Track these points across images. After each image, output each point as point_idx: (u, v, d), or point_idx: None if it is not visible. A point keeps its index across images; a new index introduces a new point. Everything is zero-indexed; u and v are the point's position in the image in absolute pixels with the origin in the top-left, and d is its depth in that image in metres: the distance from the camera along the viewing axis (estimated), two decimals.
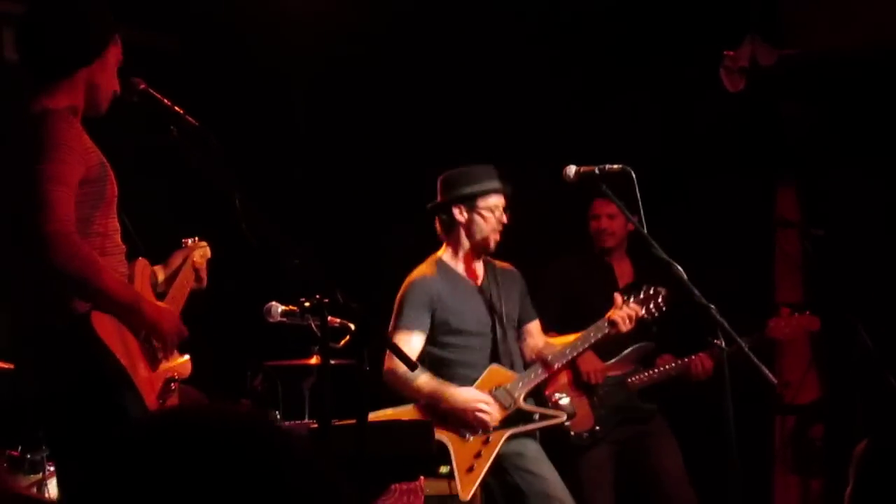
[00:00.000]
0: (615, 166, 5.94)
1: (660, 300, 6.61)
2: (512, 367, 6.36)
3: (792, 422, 8.66)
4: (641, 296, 6.63)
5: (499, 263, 6.53)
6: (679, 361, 7.22)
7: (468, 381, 6.24)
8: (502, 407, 6.22)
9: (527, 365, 6.48)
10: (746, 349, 5.74)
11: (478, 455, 6.09)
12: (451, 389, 6.16)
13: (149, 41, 8.13)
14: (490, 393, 6.21)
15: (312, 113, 8.19)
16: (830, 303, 7.52)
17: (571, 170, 5.99)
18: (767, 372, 5.88)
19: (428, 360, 6.26)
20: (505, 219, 6.32)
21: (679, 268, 5.93)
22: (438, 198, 6.42)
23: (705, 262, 6.63)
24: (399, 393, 6.22)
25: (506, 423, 6.24)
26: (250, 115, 8.29)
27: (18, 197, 4.28)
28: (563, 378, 7.19)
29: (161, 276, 4.97)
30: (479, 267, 6.44)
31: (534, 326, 6.59)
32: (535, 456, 6.28)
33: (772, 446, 8.62)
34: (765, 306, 8.55)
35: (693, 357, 7.21)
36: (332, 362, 5.03)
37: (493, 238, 6.32)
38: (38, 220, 4.19)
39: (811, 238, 7.82)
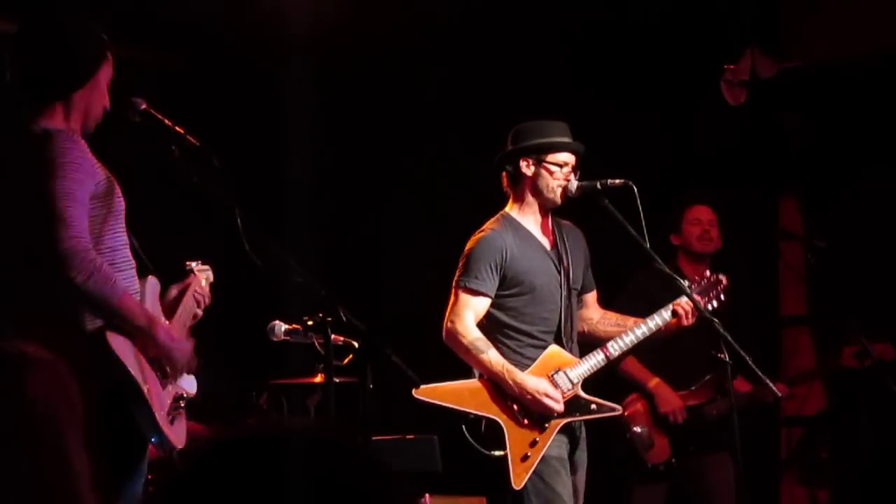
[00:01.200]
0: (617, 181, 5.91)
1: (720, 287, 6.29)
2: (571, 342, 6.04)
3: (798, 433, 8.66)
4: (704, 283, 6.31)
5: (564, 222, 6.23)
6: (754, 388, 7.06)
7: (527, 357, 5.94)
8: (562, 393, 5.90)
9: (581, 341, 6.16)
10: (751, 363, 5.73)
11: (533, 443, 5.81)
12: (520, 374, 5.84)
13: (152, 60, 8.15)
14: (549, 377, 5.89)
15: (315, 132, 8.19)
16: (834, 314, 7.52)
17: (573, 185, 5.95)
18: (772, 384, 5.88)
19: (488, 324, 5.98)
20: (572, 177, 5.98)
21: (682, 281, 5.94)
22: (506, 148, 6.11)
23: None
24: (461, 357, 5.93)
25: (563, 411, 5.93)
26: (252, 134, 8.30)
27: (31, 217, 4.29)
28: (639, 405, 7.11)
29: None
30: (548, 226, 6.12)
31: (592, 297, 6.28)
32: (556, 468, 5.91)
33: (778, 458, 8.62)
34: (769, 318, 8.57)
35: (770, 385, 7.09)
36: (337, 380, 5.03)
37: (559, 193, 5.98)
38: (56, 238, 4.20)
39: (814, 250, 7.82)
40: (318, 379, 6.93)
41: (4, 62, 4.55)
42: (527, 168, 6.03)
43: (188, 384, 4.75)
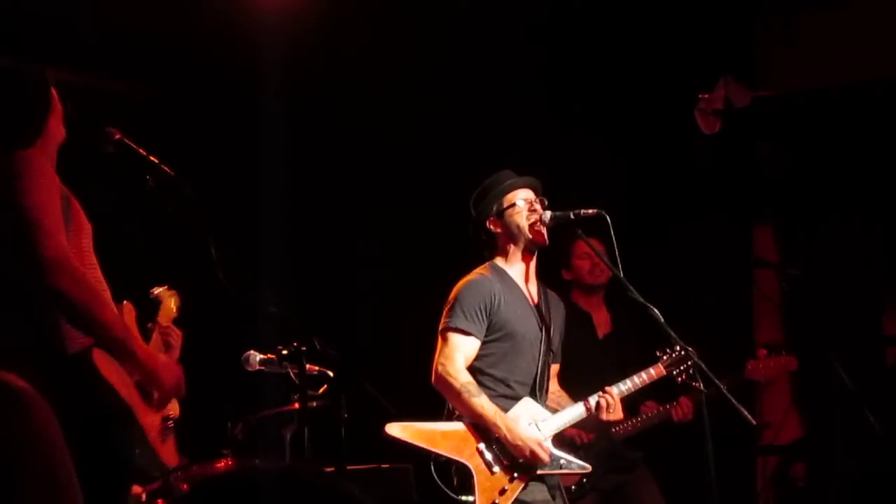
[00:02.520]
0: (590, 210, 5.90)
1: (689, 363, 6.02)
2: (543, 396, 6.06)
3: (773, 462, 8.66)
4: (675, 356, 6.17)
5: (550, 291, 6.25)
6: (662, 408, 7.20)
7: (503, 405, 5.89)
8: None
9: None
10: (725, 391, 5.73)
11: (502, 492, 5.79)
12: (512, 420, 5.83)
13: (126, 90, 8.15)
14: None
15: (291, 161, 8.19)
16: (809, 342, 7.53)
17: (547, 215, 5.96)
18: (747, 413, 5.88)
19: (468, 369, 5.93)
20: (538, 206, 5.99)
21: (656, 311, 5.93)
22: (471, 224, 6.15)
23: (683, 303, 6.64)
24: (450, 401, 5.90)
25: (536, 464, 5.90)
26: (226, 163, 8.29)
27: (9, 230, 4.27)
28: None
29: None
30: (532, 280, 6.12)
31: (555, 369, 6.28)
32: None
33: (754, 487, 8.61)
34: (744, 347, 8.58)
35: (675, 403, 7.20)
36: (312, 409, 5.02)
37: (535, 228, 5.97)
38: (38, 248, 4.19)
39: (788, 278, 7.83)
40: (294, 408, 6.91)
41: None
42: (494, 227, 6.07)
43: (172, 406, 4.74)
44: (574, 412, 6.05)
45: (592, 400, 6.05)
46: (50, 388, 4.29)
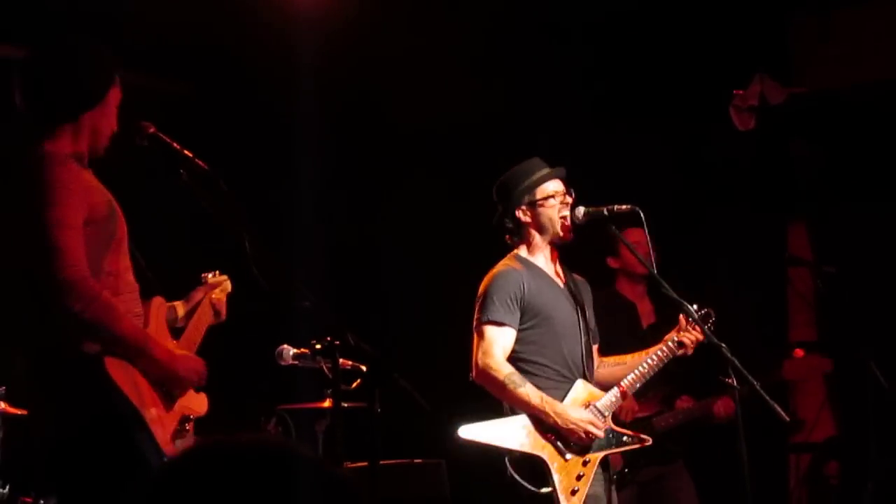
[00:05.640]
0: (624, 206, 5.88)
1: (710, 322, 6.16)
2: (592, 378, 6.02)
3: (806, 460, 8.63)
4: (698, 317, 6.15)
5: (575, 274, 6.19)
6: (701, 402, 7.16)
7: (556, 390, 5.87)
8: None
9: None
10: (759, 388, 5.71)
11: (580, 477, 5.77)
12: (560, 405, 5.80)
13: (161, 86, 8.18)
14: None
15: (325, 156, 8.21)
16: (843, 340, 7.51)
17: (580, 211, 5.93)
18: (780, 410, 5.86)
19: (510, 360, 5.87)
20: (569, 199, 5.97)
21: (690, 307, 5.92)
22: (498, 209, 6.11)
23: (718, 301, 6.61)
24: (496, 395, 5.86)
25: (600, 444, 5.89)
26: (261, 158, 8.32)
27: (26, 246, 4.28)
28: None
29: (181, 312, 4.97)
30: (559, 267, 6.09)
31: (595, 347, 6.20)
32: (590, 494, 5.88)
33: (787, 485, 8.59)
34: (779, 344, 8.56)
35: (716, 398, 7.18)
36: (345, 405, 5.03)
37: (565, 224, 5.96)
38: (53, 269, 4.18)
39: (823, 276, 7.80)
40: (327, 404, 6.93)
41: (14, 87, 4.55)
42: (524, 216, 6.03)
43: (197, 404, 4.74)
44: (615, 392, 5.98)
45: (670, 344, 6.04)
46: (64, 387, 4.34)
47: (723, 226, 8.17)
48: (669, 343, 6.06)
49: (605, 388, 6.03)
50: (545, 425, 5.81)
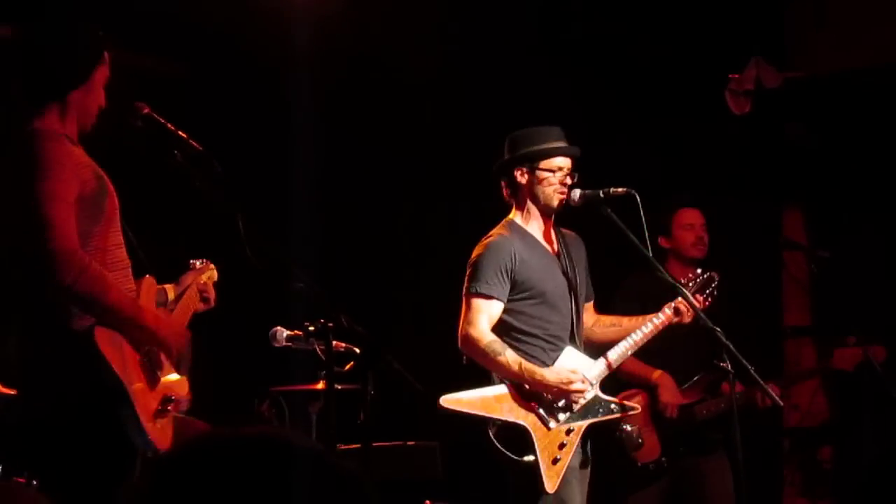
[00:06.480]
0: (620, 189, 5.89)
1: (714, 285, 6.25)
2: (581, 347, 6.01)
3: (800, 445, 8.64)
4: (699, 281, 6.28)
5: (566, 231, 6.21)
6: (746, 389, 6.94)
7: (540, 360, 5.87)
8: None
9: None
10: (753, 372, 5.71)
11: (562, 446, 5.79)
12: (540, 370, 5.80)
13: (155, 66, 8.15)
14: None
15: (319, 136, 8.19)
16: (837, 325, 7.51)
17: (576, 193, 5.93)
18: (775, 395, 5.87)
19: (499, 329, 5.92)
20: (569, 180, 5.97)
21: (685, 291, 5.93)
22: (502, 159, 6.10)
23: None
24: (478, 362, 5.87)
25: (585, 412, 5.92)
26: (255, 139, 8.30)
27: (18, 220, 4.29)
28: (635, 402, 6.84)
29: (171, 295, 4.97)
30: (550, 233, 6.10)
31: (590, 305, 6.25)
32: (568, 479, 5.84)
33: (780, 469, 8.60)
34: (773, 329, 8.56)
35: (761, 385, 7.08)
36: (338, 386, 5.02)
37: (557, 198, 5.97)
38: (43, 240, 4.20)
39: (817, 260, 7.80)
40: (320, 386, 6.92)
41: (2, 65, 4.55)
42: (521, 177, 6.03)
43: (179, 386, 4.74)
44: (601, 362, 5.99)
45: (666, 310, 6.06)
46: (55, 361, 4.34)
47: (717, 210, 8.15)
48: (666, 310, 6.08)
49: (598, 348, 6.07)
50: (527, 393, 5.83)
